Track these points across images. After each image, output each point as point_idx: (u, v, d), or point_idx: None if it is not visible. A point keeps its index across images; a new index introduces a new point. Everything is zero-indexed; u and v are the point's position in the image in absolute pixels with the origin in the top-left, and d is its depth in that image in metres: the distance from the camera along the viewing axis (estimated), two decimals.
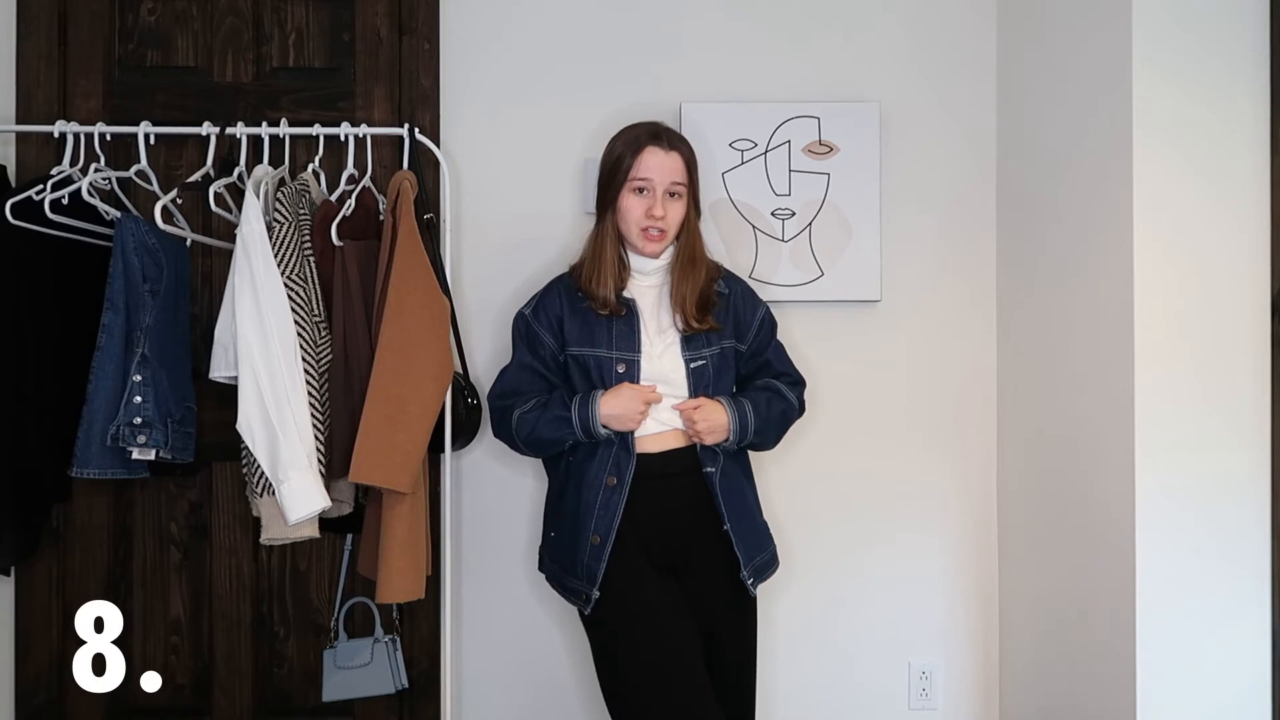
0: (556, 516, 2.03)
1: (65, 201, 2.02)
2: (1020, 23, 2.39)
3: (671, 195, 1.95)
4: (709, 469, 1.94)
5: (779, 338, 2.13)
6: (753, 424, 1.96)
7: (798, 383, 2.11)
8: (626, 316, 1.96)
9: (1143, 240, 1.89)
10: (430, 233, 2.16)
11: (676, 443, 1.95)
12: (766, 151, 2.42)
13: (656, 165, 1.94)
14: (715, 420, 1.92)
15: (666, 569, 1.93)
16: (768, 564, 2.03)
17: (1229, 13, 1.90)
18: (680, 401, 1.93)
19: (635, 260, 1.99)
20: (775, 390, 2.04)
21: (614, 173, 1.96)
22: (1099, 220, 2.02)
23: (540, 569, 2.07)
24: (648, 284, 2.00)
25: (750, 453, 2.07)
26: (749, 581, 1.96)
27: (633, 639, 1.88)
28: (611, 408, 1.89)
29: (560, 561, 1.99)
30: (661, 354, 1.95)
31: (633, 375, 1.93)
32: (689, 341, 1.96)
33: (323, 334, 2.06)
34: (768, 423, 2.00)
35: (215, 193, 2.06)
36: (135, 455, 1.96)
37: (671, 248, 2.00)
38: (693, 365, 1.95)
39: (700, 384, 1.95)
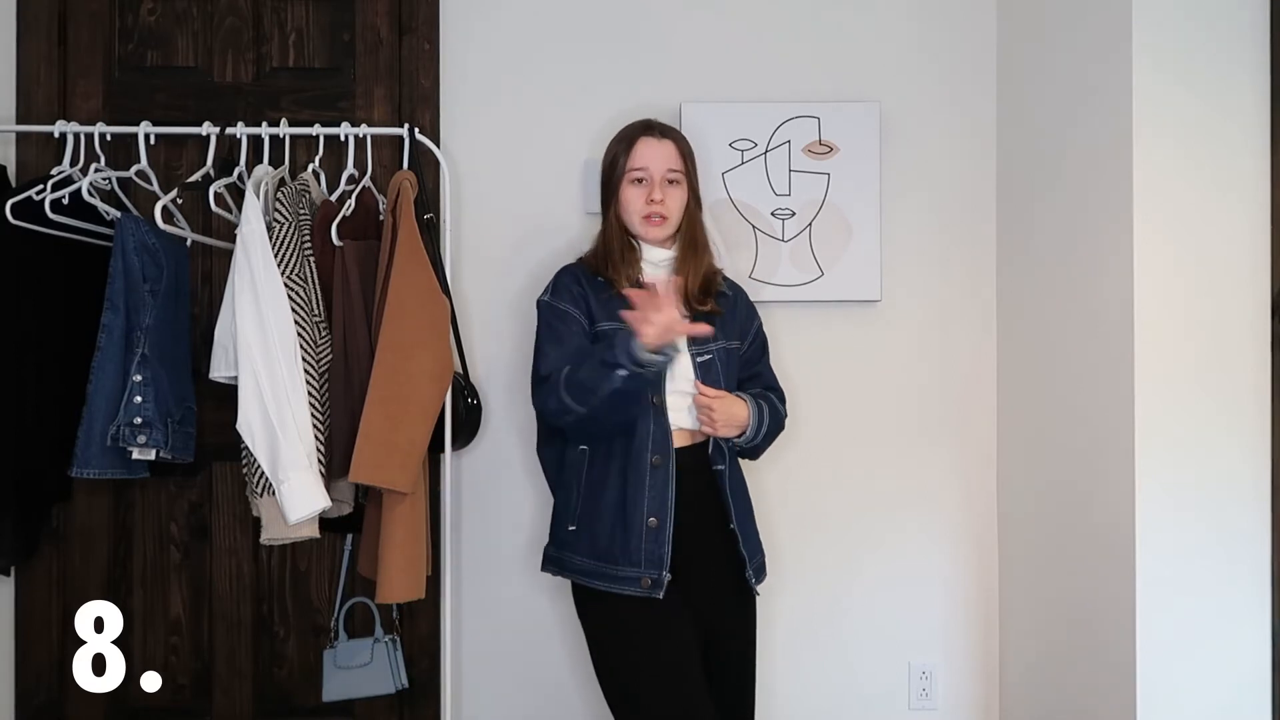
0: (589, 511, 1.93)
1: (66, 202, 2.02)
2: (1020, 22, 2.39)
3: (670, 183, 1.97)
4: (719, 466, 1.95)
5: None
6: (766, 426, 1.98)
7: (784, 400, 2.12)
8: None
9: (1143, 240, 1.89)
10: (430, 233, 2.16)
11: (680, 441, 1.94)
12: (766, 151, 2.42)
13: (650, 154, 1.97)
14: (734, 413, 1.93)
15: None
16: (761, 567, 2.04)
17: (1230, 9, 1.90)
18: (696, 394, 1.93)
19: (646, 250, 2.00)
20: (773, 402, 2.05)
21: (612, 169, 2.00)
22: (1099, 221, 2.02)
23: (548, 569, 2.00)
24: (658, 276, 1.98)
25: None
26: (753, 581, 1.97)
27: (635, 636, 1.88)
28: (648, 327, 1.72)
29: (600, 554, 1.90)
30: None
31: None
32: (694, 336, 1.95)
33: (323, 334, 2.06)
34: (772, 429, 2.02)
35: (215, 193, 2.06)
36: (135, 455, 1.96)
37: (678, 242, 2.01)
38: (699, 359, 1.95)
39: (710, 380, 1.95)
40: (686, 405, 1.94)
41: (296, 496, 1.91)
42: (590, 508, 1.94)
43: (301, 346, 1.98)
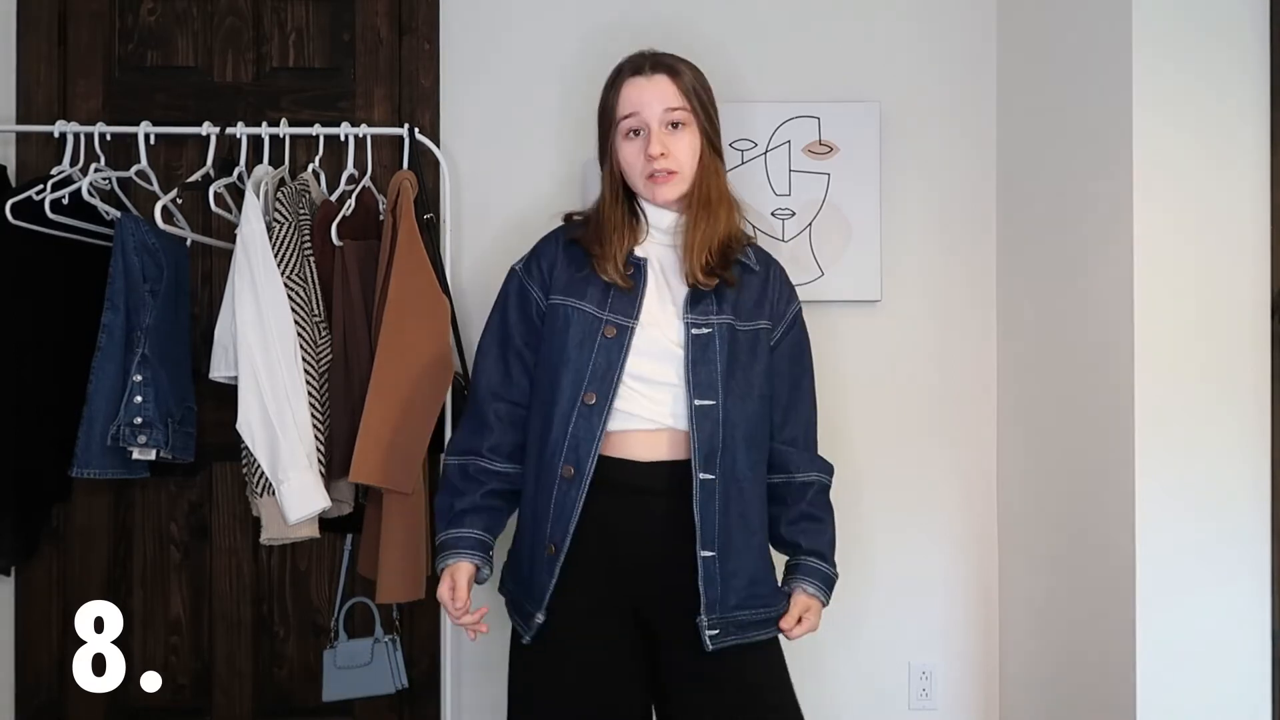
0: (518, 526, 1.69)
1: (65, 201, 2.03)
2: (1020, 22, 2.39)
3: (673, 126, 1.60)
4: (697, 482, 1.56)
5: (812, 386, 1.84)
6: (832, 574, 1.74)
7: (825, 470, 1.77)
8: (631, 276, 1.61)
9: (1143, 240, 1.89)
10: (430, 233, 2.16)
11: (674, 453, 1.58)
12: (766, 151, 2.42)
13: (639, 96, 1.59)
14: (816, 621, 1.70)
15: (629, 609, 1.59)
16: (756, 624, 1.61)
17: (1230, 8, 1.90)
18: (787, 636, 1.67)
19: (652, 213, 1.66)
20: (818, 518, 1.72)
21: (601, 121, 1.66)
22: (1099, 220, 2.02)
23: (500, 590, 1.73)
24: (664, 242, 1.66)
25: (757, 483, 1.68)
26: (706, 633, 1.53)
27: (543, 697, 1.57)
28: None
29: (518, 579, 1.64)
30: (660, 317, 1.60)
31: (622, 343, 1.57)
32: (694, 304, 1.60)
33: (323, 334, 2.06)
34: (832, 549, 1.75)
35: (215, 193, 2.06)
36: (135, 455, 1.96)
37: (689, 201, 1.64)
38: (694, 331, 1.57)
39: (703, 361, 1.56)
40: (669, 400, 1.56)
41: (296, 496, 1.91)
42: (518, 526, 1.69)
43: (301, 346, 1.98)
